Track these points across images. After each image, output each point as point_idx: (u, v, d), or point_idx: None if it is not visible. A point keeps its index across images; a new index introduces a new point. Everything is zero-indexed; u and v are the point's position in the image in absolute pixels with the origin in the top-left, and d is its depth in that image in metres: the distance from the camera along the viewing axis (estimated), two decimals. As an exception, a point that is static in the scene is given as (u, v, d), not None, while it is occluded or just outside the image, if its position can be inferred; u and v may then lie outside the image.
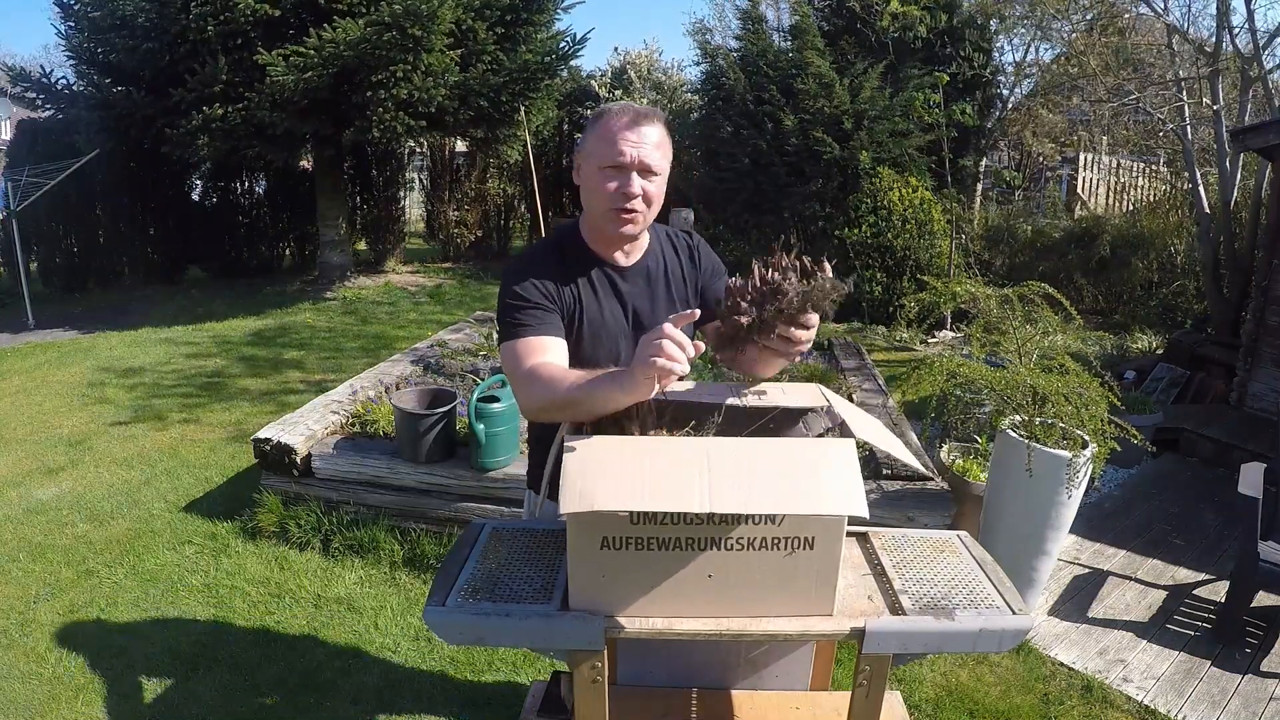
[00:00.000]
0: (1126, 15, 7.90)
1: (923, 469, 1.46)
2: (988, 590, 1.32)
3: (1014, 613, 1.26)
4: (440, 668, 2.57)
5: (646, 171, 1.44)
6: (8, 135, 12.56)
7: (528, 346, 1.42)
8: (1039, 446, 2.62)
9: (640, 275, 1.58)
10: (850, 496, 1.11)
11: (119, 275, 8.99)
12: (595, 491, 1.08)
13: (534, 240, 10.98)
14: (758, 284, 1.24)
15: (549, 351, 1.41)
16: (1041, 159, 10.80)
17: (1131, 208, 9.19)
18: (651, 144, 1.43)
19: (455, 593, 1.27)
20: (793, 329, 1.24)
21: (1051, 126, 9.81)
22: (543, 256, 1.54)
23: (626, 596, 1.21)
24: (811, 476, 1.12)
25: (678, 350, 1.10)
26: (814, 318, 1.25)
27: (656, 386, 1.16)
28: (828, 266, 1.25)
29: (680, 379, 1.15)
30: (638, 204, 1.44)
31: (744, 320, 1.23)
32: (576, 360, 1.47)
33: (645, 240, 1.60)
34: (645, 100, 10.88)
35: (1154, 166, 9.42)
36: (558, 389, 1.29)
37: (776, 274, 1.23)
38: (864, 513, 1.09)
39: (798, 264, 1.24)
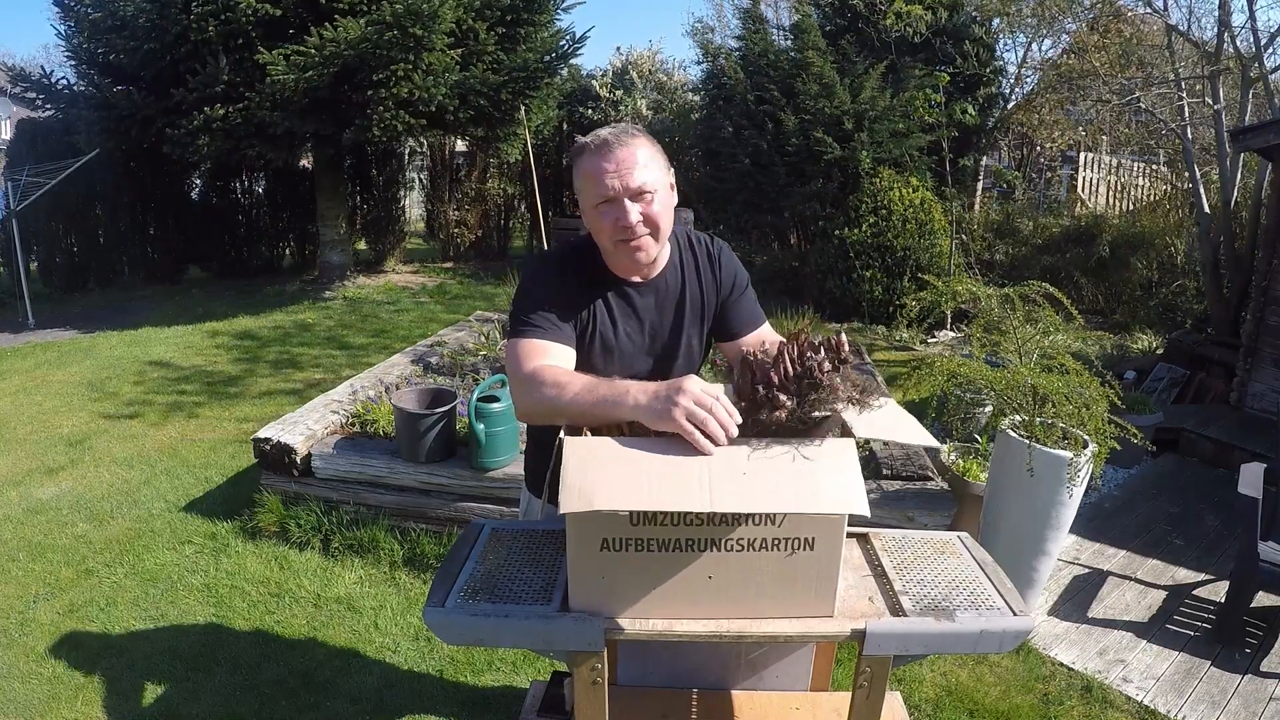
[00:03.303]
0: (1130, 14, 7.90)
1: (937, 443, 1.43)
2: (988, 591, 1.32)
3: (1015, 614, 1.26)
4: (440, 667, 2.57)
5: (637, 195, 1.39)
6: (8, 135, 12.55)
7: (533, 348, 1.40)
8: (1039, 447, 2.62)
9: (654, 292, 1.54)
10: (851, 495, 1.11)
11: (119, 275, 8.99)
12: (595, 491, 1.08)
13: (534, 241, 10.99)
14: (790, 371, 1.18)
15: (554, 356, 1.39)
16: (1042, 159, 10.79)
17: (1132, 207, 9.18)
18: (635, 165, 1.38)
19: (455, 593, 1.27)
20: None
21: (1053, 125, 9.80)
22: (567, 263, 1.52)
23: (626, 597, 1.21)
24: (812, 475, 1.12)
25: (722, 426, 1.14)
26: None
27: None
28: (845, 340, 1.20)
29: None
30: (639, 229, 1.40)
31: (783, 415, 1.17)
32: (586, 373, 1.44)
33: (665, 254, 1.55)
34: (645, 101, 10.87)
35: (1154, 166, 9.41)
36: (560, 397, 1.27)
37: (810, 354, 1.18)
38: (865, 511, 1.09)
39: (826, 343, 1.20)
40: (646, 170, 1.39)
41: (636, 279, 1.53)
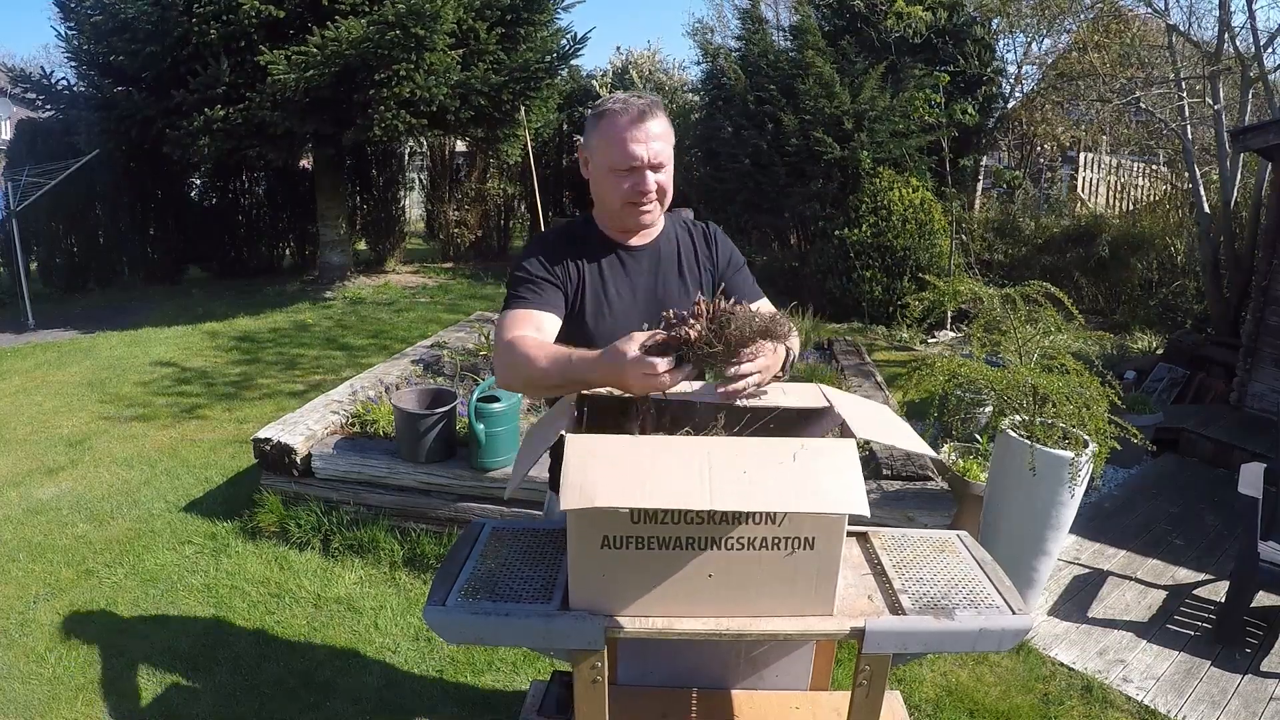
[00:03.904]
0: (1130, 14, 7.90)
1: (933, 452, 1.45)
2: (987, 590, 1.32)
3: (1014, 612, 1.26)
4: (440, 667, 2.57)
5: (658, 167, 1.49)
6: (8, 135, 12.55)
7: (518, 317, 1.48)
8: (1040, 447, 2.62)
9: (649, 256, 1.62)
10: (851, 495, 1.11)
11: (119, 275, 8.98)
12: (596, 487, 1.08)
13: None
14: (708, 309, 1.22)
15: (535, 324, 1.47)
16: (1042, 159, 10.79)
17: (1132, 207, 9.18)
18: (658, 138, 1.48)
19: (455, 592, 1.27)
20: (741, 363, 1.23)
21: (1054, 125, 9.81)
22: (557, 237, 1.62)
23: (626, 596, 1.21)
24: (812, 475, 1.12)
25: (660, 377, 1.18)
26: (761, 359, 1.25)
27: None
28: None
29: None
30: (653, 196, 1.51)
31: (693, 333, 1.18)
32: (581, 335, 1.51)
33: (660, 224, 1.64)
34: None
35: (1154, 166, 9.41)
36: (531, 365, 1.35)
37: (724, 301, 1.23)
38: (865, 511, 1.09)
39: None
40: (665, 143, 1.50)
41: (632, 242, 1.61)
